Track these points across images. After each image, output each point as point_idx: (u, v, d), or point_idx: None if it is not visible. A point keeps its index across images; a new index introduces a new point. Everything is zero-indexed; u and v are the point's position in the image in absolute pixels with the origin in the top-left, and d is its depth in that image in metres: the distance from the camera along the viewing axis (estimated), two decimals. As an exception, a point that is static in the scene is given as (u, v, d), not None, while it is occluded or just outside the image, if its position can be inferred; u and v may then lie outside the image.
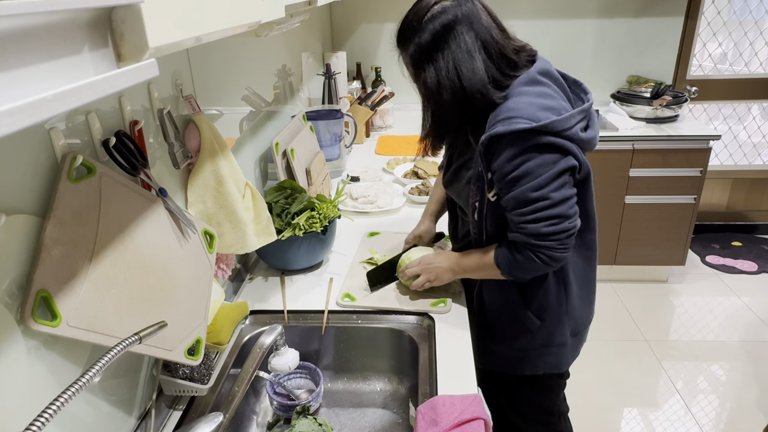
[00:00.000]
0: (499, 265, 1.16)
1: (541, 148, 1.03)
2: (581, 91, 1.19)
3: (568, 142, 1.04)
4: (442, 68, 1.08)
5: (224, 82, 1.35)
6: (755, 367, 2.48)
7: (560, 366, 1.34)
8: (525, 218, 1.07)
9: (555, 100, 1.08)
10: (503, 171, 1.06)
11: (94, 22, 0.39)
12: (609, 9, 3.05)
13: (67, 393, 0.55)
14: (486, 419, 0.98)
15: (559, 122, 1.02)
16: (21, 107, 0.31)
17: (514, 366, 1.34)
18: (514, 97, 1.07)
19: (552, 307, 1.24)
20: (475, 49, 1.06)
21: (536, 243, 1.08)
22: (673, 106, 2.88)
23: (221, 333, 1.07)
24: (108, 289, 0.74)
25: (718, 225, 3.65)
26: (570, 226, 1.08)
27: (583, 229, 1.18)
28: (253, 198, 1.19)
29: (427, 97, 1.14)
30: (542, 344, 1.29)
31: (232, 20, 0.63)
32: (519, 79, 1.09)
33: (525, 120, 1.02)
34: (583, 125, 1.09)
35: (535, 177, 1.04)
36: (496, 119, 1.06)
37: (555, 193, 1.05)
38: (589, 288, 1.31)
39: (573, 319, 1.29)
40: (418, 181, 2.05)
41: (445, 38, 1.07)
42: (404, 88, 3.24)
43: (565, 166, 1.05)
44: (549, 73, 1.12)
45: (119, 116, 0.86)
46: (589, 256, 1.27)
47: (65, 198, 0.68)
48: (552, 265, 1.11)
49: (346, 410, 1.28)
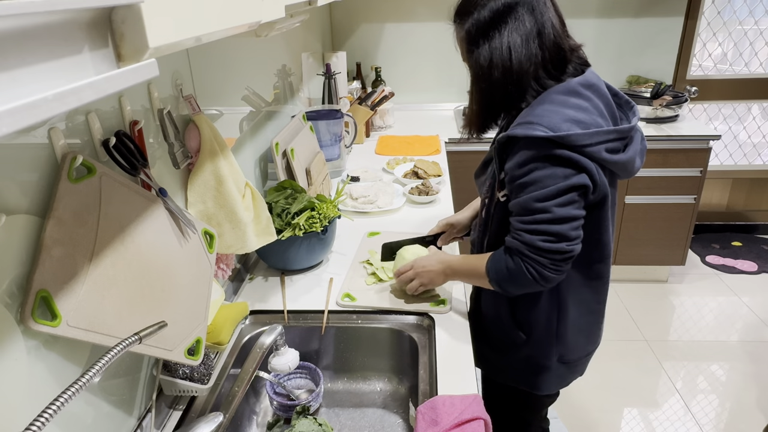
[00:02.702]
0: (489, 272, 1.11)
1: (553, 160, 0.99)
2: (631, 112, 1.13)
3: (586, 159, 0.99)
4: (497, 47, 1.05)
5: (224, 82, 1.35)
6: (755, 367, 2.48)
7: (539, 388, 1.28)
8: (524, 227, 1.04)
9: (587, 115, 1.02)
10: (514, 174, 1.04)
11: (94, 22, 0.39)
12: (609, 9, 3.05)
13: (67, 393, 0.54)
14: (486, 419, 0.98)
15: (579, 137, 0.98)
16: (21, 107, 0.31)
17: (498, 373, 1.33)
18: (546, 104, 1.03)
19: (540, 326, 1.19)
20: (532, 35, 1.04)
21: (529, 255, 1.03)
22: (673, 106, 2.88)
23: (221, 333, 1.07)
24: (108, 289, 0.74)
25: (718, 225, 3.65)
26: (567, 248, 1.02)
27: (594, 259, 1.13)
28: (253, 198, 1.19)
29: (477, 75, 1.10)
30: (526, 361, 1.25)
31: (232, 20, 0.63)
32: (557, 87, 1.06)
33: (543, 128, 0.99)
34: (614, 146, 1.03)
35: (542, 187, 1.00)
36: (520, 120, 1.04)
37: (559, 209, 1.00)
38: (590, 319, 1.24)
39: (563, 345, 1.22)
40: (418, 181, 2.05)
41: (504, 18, 1.04)
42: (404, 88, 3.27)
43: (575, 183, 0.99)
44: (593, 86, 1.07)
45: (119, 116, 0.86)
46: (597, 287, 1.20)
47: (65, 198, 0.68)
48: (541, 283, 1.05)
49: (346, 410, 1.28)
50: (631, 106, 1.15)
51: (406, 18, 3.13)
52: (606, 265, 1.18)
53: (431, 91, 3.29)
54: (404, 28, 3.16)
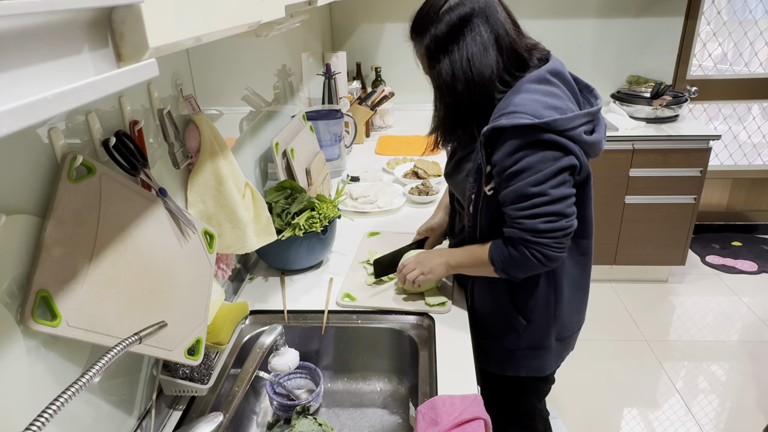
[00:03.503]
0: (493, 261, 1.15)
1: (542, 145, 1.03)
2: (592, 96, 1.19)
3: (570, 142, 1.04)
4: (457, 60, 1.07)
5: (224, 82, 1.35)
6: (755, 367, 2.48)
7: (542, 369, 1.33)
8: (523, 213, 1.07)
9: (561, 101, 1.07)
10: (503, 165, 1.06)
11: (94, 22, 0.39)
12: (609, 9, 3.05)
13: (67, 393, 0.54)
14: (486, 419, 0.98)
15: (562, 121, 1.02)
16: (21, 107, 0.31)
17: (499, 365, 1.34)
18: (522, 93, 1.06)
19: (540, 309, 1.23)
20: (489, 43, 1.07)
21: (532, 239, 1.07)
22: (673, 106, 2.88)
23: (221, 333, 1.07)
24: (108, 289, 0.74)
25: (718, 225, 3.65)
26: (567, 224, 1.08)
27: (578, 234, 1.17)
28: (253, 198, 1.19)
29: (441, 89, 1.14)
30: (527, 346, 1.28)
31: (232, 20, 0.63)
32: (528, 76, 1.09)
33: (528, 116, 1.02)
34: (587, 128, 1.09)
35: (536, 172, 1.04)
36: (500, 112, 1.06)
37: (554, 190, 1.05)
38: (580, 295, 1.30)
39: (560, 324, 1.27)
40: (418, 181, 2.04)
41: (461, 30, 1.07)
42: (404, 88, 3.26)
43: (566, 164, 1.04)
44: (560, 74, 1.12)
45: (119, 116, 0.86)
46: (584, 263, 1.26)
47: (65, 198, 0.68)
48: (546, 264, 1.10)
49: (346, 410, 1.28)
50: (590, 89, 1.20)
51: (406, 18, 3.09)
52: (590, 242, 1.24)
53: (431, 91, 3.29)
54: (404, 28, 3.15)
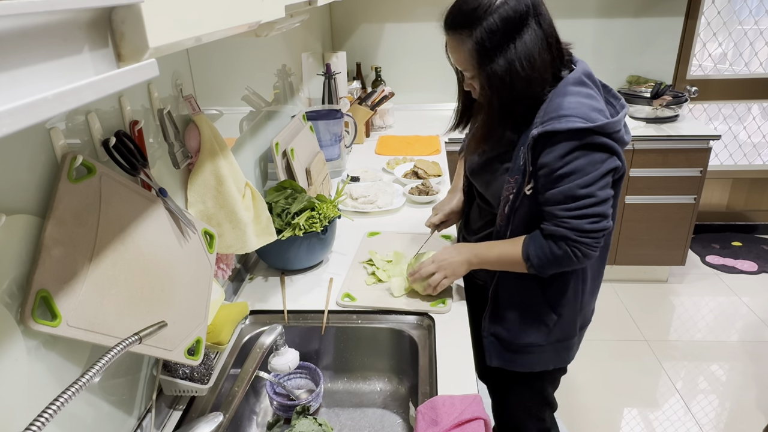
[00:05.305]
0: (530, 258, 1.15)
1: (593, 147, 1.05)
2: (611, 96, 1.20)
3: (616, 143, 1.08)
4: (514, 60, 1.05)
5: (224, 82, 1.35)
6: (755, 367, 2.48)
7: (568, 360, 1.37)
8: (570, 213, 1.09)
9: (600, 103, 1.10)
10: (553, 167, 1.07)
11: (94, 22, 0.39)
12: (609, 9, 3.05)
13: (67, 393, 0.54)
14: (486, 419, 0.98)
15: (612, 124, 1.05)
16: (21, 107, 0.31)
17: (527, 363, 1.33)
18: (568, 96, 1.07)
19: (569, 302, 1.26)
20: (544, 42, 1.07)
21: (576, 238, 1.10)
22: (673, 106, 2.88)
23: (221, 333, 1.07)
24: (108, 289, 0.74)
25: (718, 225, 3.65)
26: (607, 225, 1.11)
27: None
28: (253, 198, 1.19)
29: (496, 88, 1.08)
30: (557, 339, 1.31)
31: (232, 20, 0.63)
32: (567, 78, 1.10)
33: (580, 119, 1.03)
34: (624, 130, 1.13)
35: (585, 174, 1.06)
36: (548, 116, 1.06)
37: (601, 192, 1.08)
38: (596, 282, 1.33)
39: (584, 314, 1.32)
40: (418, 181, 2.05)
41: (517, 27, 1.05)
42: (404, 88, 3.27)
43: (611, 166, 1.08)
44: (591, 76, 1.14)
45: (119, 116, 0.86)
46: (604, 254, 1.28)
47: (65, 198, 0.68)
48: (582, 262, 1.13)
49: (346, 410, 1.28)
50: (609, 89, 1.21)
51: (406, 18, 3.13)
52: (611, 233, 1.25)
53: (431, 91, 3.29)
54: (404, 28, 3.16)
